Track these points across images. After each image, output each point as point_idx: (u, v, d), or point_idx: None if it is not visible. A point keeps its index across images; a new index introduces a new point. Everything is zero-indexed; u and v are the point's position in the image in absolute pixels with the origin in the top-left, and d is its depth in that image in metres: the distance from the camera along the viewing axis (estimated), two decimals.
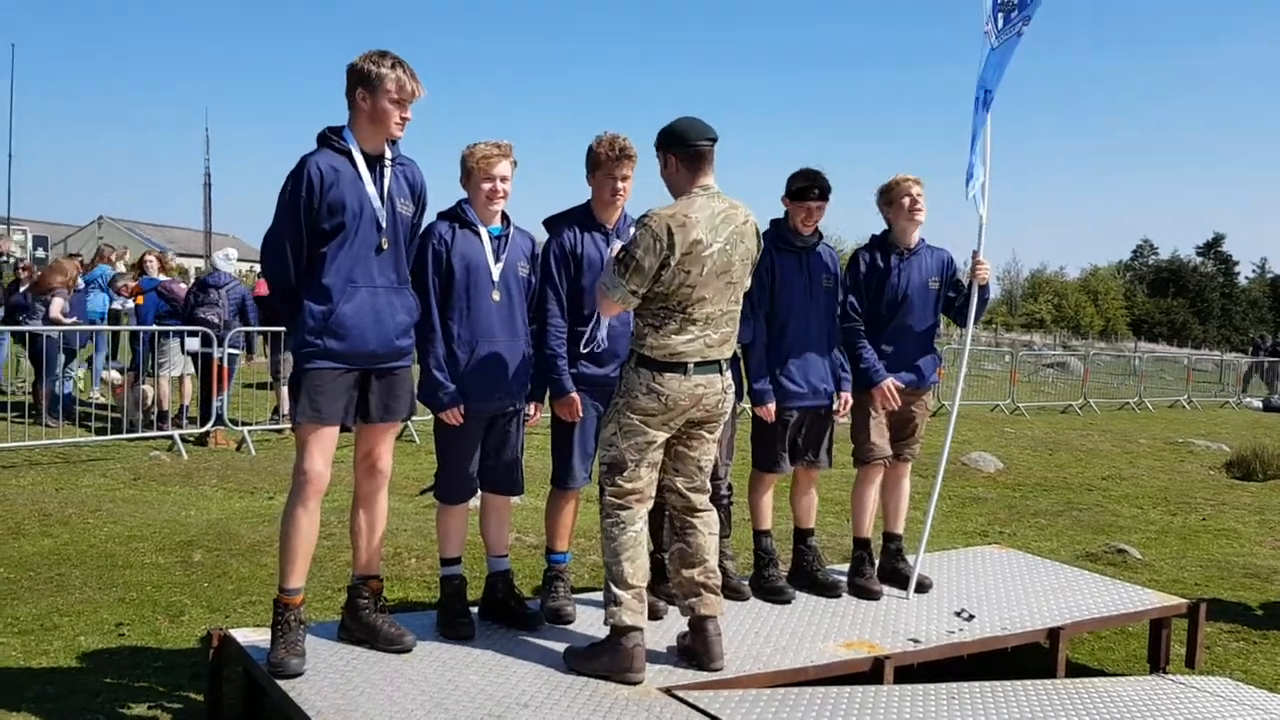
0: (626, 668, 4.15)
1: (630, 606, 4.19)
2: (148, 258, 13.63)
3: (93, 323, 11.99)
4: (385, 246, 4.18)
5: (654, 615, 4.93)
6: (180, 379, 11.80)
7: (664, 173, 4.34)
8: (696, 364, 4.21)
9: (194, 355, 11.62)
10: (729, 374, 4.40)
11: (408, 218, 4.32)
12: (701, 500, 4.46)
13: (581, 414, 4.79)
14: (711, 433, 4.43)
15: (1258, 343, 34.05)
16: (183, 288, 13.03)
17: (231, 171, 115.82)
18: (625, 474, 4.28)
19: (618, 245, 4.41)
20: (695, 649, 4.36)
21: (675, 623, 4.77)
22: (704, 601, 4.36)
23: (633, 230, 4.29)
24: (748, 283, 4.41)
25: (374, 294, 4.17)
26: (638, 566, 4.24)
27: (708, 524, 4.45)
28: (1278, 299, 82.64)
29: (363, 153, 4.16)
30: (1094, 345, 50.10)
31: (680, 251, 4.08)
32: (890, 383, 5.50)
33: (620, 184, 4.72)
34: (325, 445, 4.14)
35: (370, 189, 4.15)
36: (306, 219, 4.06)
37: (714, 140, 4.26)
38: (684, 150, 4.23)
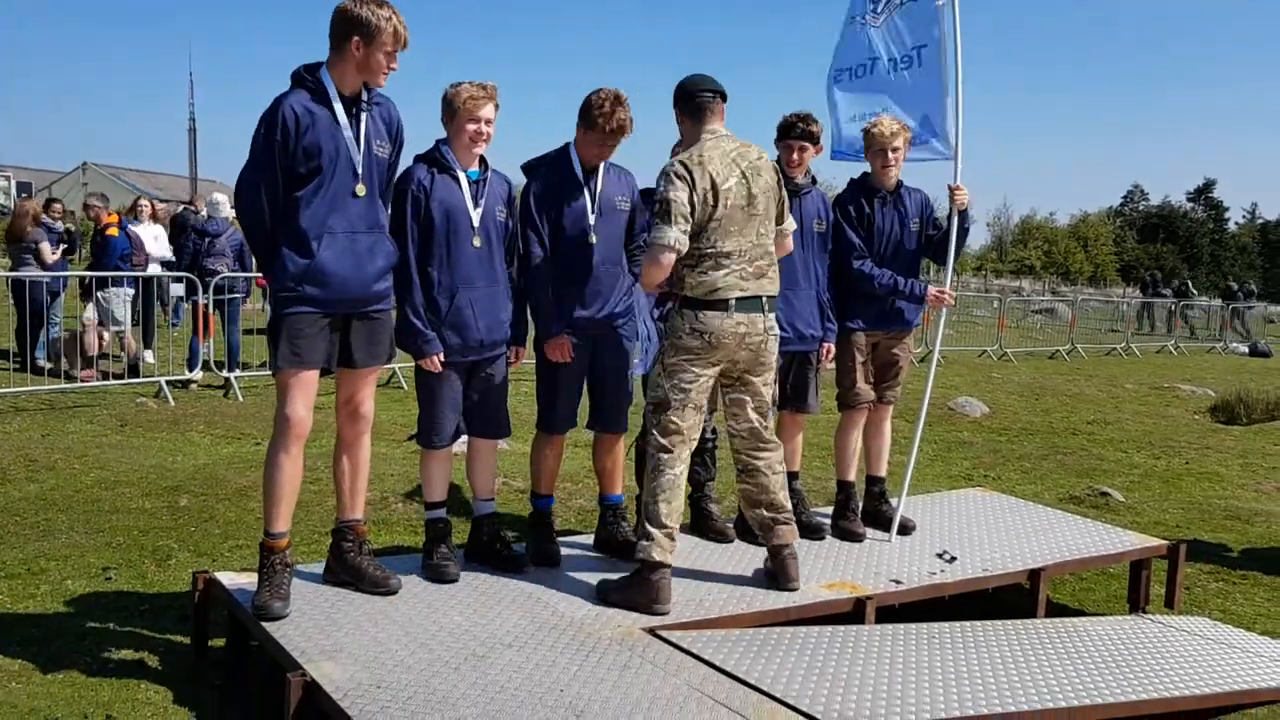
0: (653, 599, 4.37)
1: (660, 544, 4.40)
2: (141, 202, 13.48)
3: (118, 268, 11.93)
4: (362, 193, 4.13)
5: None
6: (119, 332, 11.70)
7: (680, 128, 4.67)
8: (738, 300, 4.42)
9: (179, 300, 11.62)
10: (771, 315, 4.56)
11: (384, 159, 4.26)
12: (766, 436, 4.72)
13: (572, 355, 4.78)
14: (760, 376, 4.64)
15: (1147, 281, 33.72)
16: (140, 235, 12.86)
17: (217, 116, 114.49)
18: (669, 413, 4.49)
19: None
20: (774, 572, 4.71)
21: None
22: (776, 534, 4.70)
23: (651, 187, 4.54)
24: (773, 215, 4.61)
25: (353, 239, 4.12)
26: (673, 508, 4.46)
27: (770, 464, 4.72)
28: (1267, 245, 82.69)
29: (340, 95, 4.09)
30: (1083, 291, 50.15)
31: (702, 187, 4.35)
32: (932, 288, 5.54)
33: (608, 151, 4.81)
34: (307, 390, 4.13)
35: (347, 133, 4.08)
36: (282, 162, 4.00)
37: (716, 92, 4.56)
38: (688, 104, 4.57)
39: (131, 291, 11.72)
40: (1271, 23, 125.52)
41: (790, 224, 4.83)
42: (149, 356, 12.19)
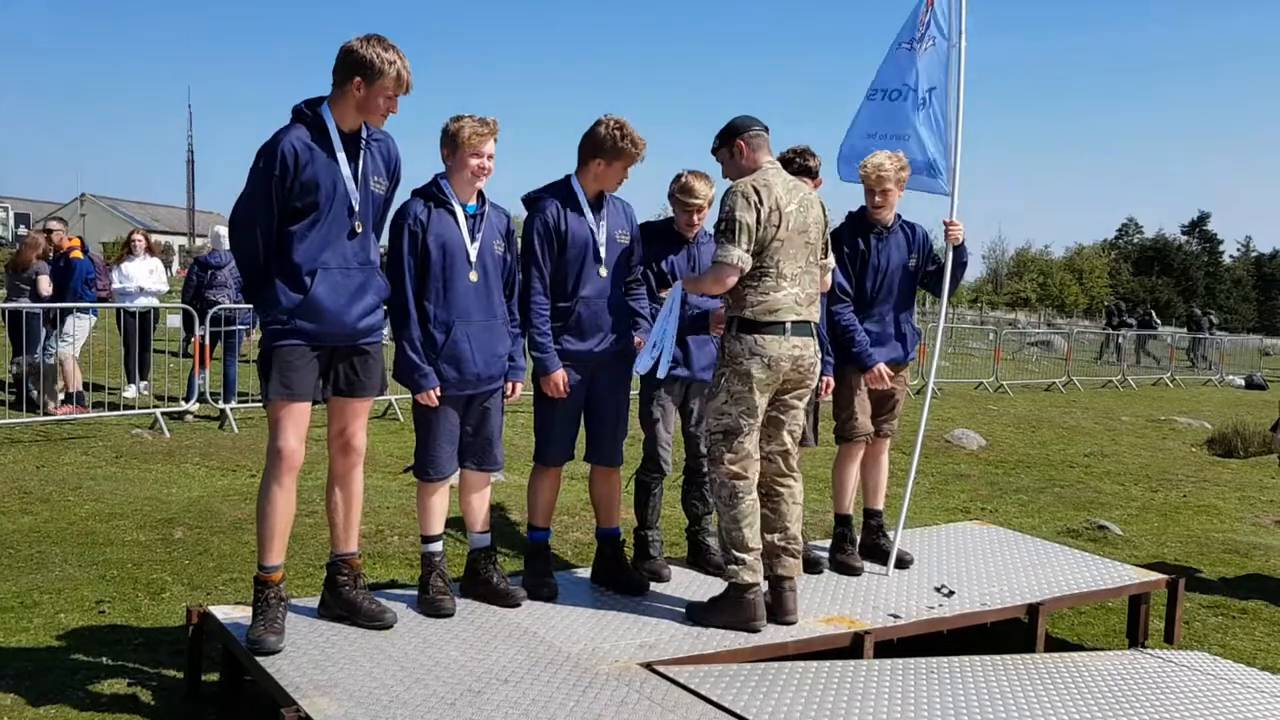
0: (750, 618, 4.55)
1: (751, 567, 4.57)
2: (135, 237, 13.07)
3: (81, 293, 11.67)
4: (359, 230, 4.14)
5: (636, 589, 4.95)
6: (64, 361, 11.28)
7: (732, 162, 4.77)
8: (793, 323, 4.59)
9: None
10: (816, 340, 4.76)
11: (380, 196, 4.26)
12: (793, 463, 4.81)
13: (567, 390, 4.77)
14: (801, 400, 4.79)
15: (1112, 310, 33.87)
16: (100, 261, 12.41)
17: (215, 148, 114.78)
18: (740, 438, 4.60)
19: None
20: (771, 605, 4.68)
21: (657, 599, 4.86)
22: (782, 563, 4.72)
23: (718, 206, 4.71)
24: (820, 248, 4.78)
25: (346, 275, 4.12)
26: (755, 531, 4.62)
27: (793, 494, 4.80)
28: (1261, 277, 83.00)
29: (339, 131, 4.11)
30: (1078, 323, 50.26)
31: (768, 208, 4.53)
32: (881, 366, 5.53)
33: (627, 175, 4.87)
34: (298, 422, 4.12)
35: (345, 170, 4.09)
36: (278, 197, 4.01)
37: (765, 127, 4.79)
38: (747, 135, 4.73)
39: (94, 319, 11.47)
40: (1265, 56, 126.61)
41: (831, 260, 4.99)
42: (143, 389, 12.08)
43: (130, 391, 11.87)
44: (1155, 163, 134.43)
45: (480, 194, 4.63)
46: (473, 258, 4.53)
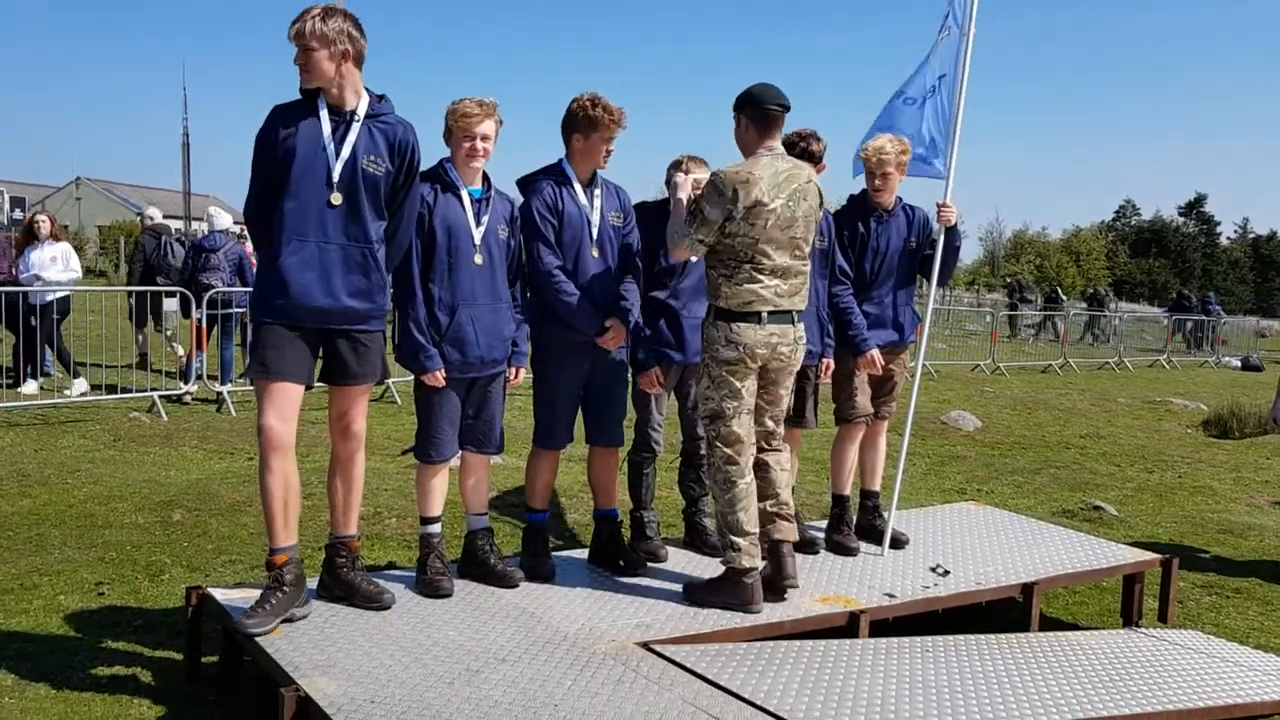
0: (747, 600, 4.55)
1: (747, 551, 4.56)
2: (39, 218, 11.73)
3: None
4: (337, 202, 4.08)
5: (633, 569, 4.98)
6: None
7: (737, 131, 4.67)
8: (770, 313, 4.53)
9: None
10: (801, 325, 4.71)
11: (377, 176, 4.17)
12: (776, 442, 4.82)
13: (625, 343, 4.87)
14: (783, 386, 4.78)
15: (1013, 288, 33.91)
16: None
17: (211, 131, 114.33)
18: (726, 421, 4.60)
19: (686, 185, 4.77)
20: (770, 572, 4.69)
21: (654, 580, 4.90)
22: (777, 528, 4.73)
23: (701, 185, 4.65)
24: (812, 238, 4.71)
25: (324, 250, 4.07)
26: (751, 515, 4.61)
27: (780, 462, 4.81)
28: (1259, 259, 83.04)
29: (330, 106, 4.10)
30: (1075, 305, 50.25)
31: (743, 206, 4.43)
32: (875, 353, 5.54)
33: (611, 147, 4.83)
34: (278, 402, 4.07)
35: (328, 141, 4.07)
36: (268, 166, 4.05)
37: (786, 108, 4.61)
38: (756, 111, 4.59)
39: None
40: (1260, 37, 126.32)
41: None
42: (38, 387, 11.28)
43: (29, 387, 11.17)
44: (1153, 144, 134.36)
45: (486, 179, 4.63)
46: (477, 241, 4.54)
